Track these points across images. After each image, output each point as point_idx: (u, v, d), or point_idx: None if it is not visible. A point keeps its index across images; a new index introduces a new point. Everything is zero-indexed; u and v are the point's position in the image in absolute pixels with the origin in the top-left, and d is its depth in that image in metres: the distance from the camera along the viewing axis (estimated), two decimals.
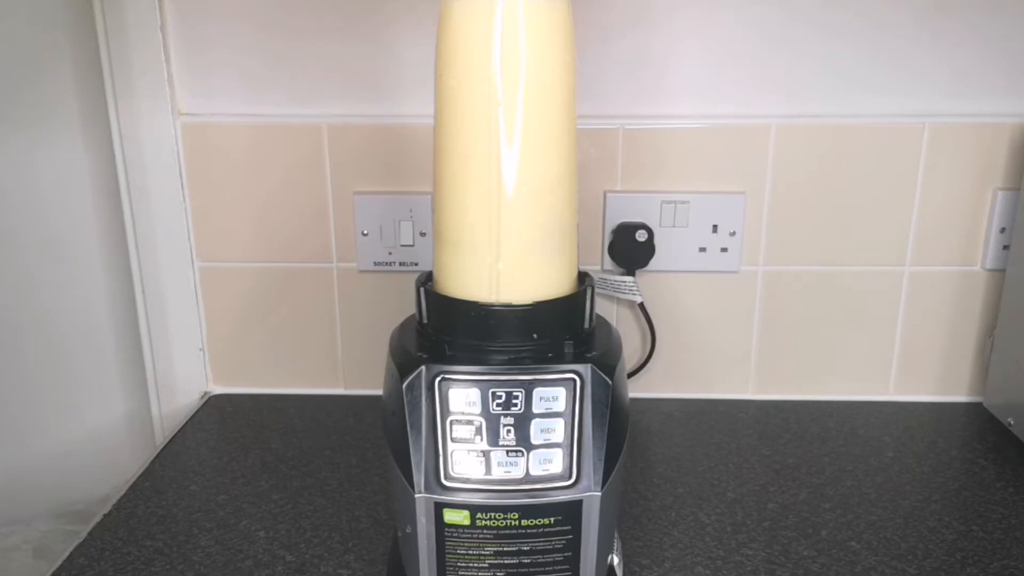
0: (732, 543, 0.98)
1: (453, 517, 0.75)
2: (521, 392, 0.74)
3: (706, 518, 1.03)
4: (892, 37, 1.18)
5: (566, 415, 0.75)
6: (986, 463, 1.15)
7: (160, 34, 1.19)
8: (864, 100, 1.20)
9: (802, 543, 0.98)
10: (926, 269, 1.25)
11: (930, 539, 0.99)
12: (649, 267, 1.24)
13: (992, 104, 1.20)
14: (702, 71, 1.20)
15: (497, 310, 0.76)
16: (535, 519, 0.76)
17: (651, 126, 1.21)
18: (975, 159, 1.21)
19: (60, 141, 1.24)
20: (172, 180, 1.24)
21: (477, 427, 0.74)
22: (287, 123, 1.22)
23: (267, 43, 1.20)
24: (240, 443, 1.21)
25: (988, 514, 1.04)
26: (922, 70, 1.19)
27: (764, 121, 1.20)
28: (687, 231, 1.23)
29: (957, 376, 1.30)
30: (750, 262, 1.26)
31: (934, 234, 1.24)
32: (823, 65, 1.19)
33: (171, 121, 1.22)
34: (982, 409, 1.28)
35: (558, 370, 0.75)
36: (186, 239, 1.27)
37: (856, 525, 1.02)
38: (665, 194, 1.22)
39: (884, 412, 1.28)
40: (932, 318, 1.28)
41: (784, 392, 1.32)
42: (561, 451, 0.75)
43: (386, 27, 1.19)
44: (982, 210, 1.23)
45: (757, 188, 1.22)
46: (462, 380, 0.74)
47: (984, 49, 1.18)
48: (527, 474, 0.75)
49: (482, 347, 0.76)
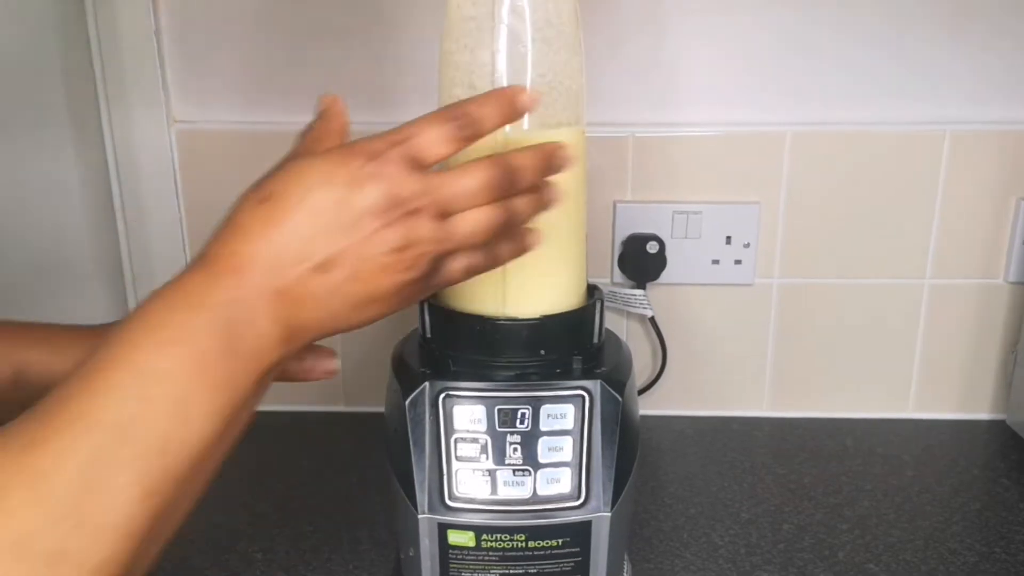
0: (746, 565, 0.98)
1: (457, 539, 0.76)
2: (528, 409, 0.75)
3: (719, 539, 1.03)
4: (911, 41, 1.17)
5: (574, 433, 0.75)
6: (1009, 483, 1.14)
7: (154, 40, 1.18)
8: (882, 106, 1.19)
9: (818, 565, 0.98)
10: (947, 282, 1.24)
11: (951, 561, 0.98)
12: (660, 280, 1.23)
13: (1015, 111, 1.19)
14: (714, 77, 1.19)
15: (503, 324, 0.76)
16: (542, 540, 0.76)
17: (662, 134, 1.20)
18: (997, 167, 1.19)
19: (52, 149, 1.23)
20: (167, 189, 1.23)
21: (482, 445, 0.74)
22: (284, 131, 1.18)
23: (264, 49, 1.20)
24: (237, 461, 1.18)
25: (1011, 536, 1.03)
26: (942, 75, 1.18)
27: (779, 128, 1.19)
28: (699, 242, 1.22)
29: (979, 393, 1.29)
30: (765, 274, 1.24)
31: (955, 245, 1.23)
32: (840, 70, 1.18)
33: (165, 128, 1.21)
34: (1005, 427, 1.27)
35: (566, 386, 0.75)
36: (181, 250, 1.26)
37: (874, 547, 1.01)
38: (677, 204, 1.21)
39: (903, 430, 1.27)
40: (953, 332, 1.27)
41: (800, 409, 1.31)
42: (569, 470, 0.75)
43: (386, 33, 1.18)
44: (1005, 220, 1.21)
45: (772, 198, 1.21)
46: (467, 396, 0.75)
47: (1006, 54, 1.17)
48: (534, 494, 0.75)
49: (488, 362, 0.77)
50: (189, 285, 0.55)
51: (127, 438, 0.49)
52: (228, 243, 0.57)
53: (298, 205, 0.57)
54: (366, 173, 0.57)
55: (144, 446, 0.50)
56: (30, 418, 0.49)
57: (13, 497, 0.46)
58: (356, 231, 0.57)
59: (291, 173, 0.59)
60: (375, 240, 0.57)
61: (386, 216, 0.57)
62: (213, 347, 0.54)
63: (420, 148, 0.58)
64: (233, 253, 0.57)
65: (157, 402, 0.51)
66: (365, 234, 0.57)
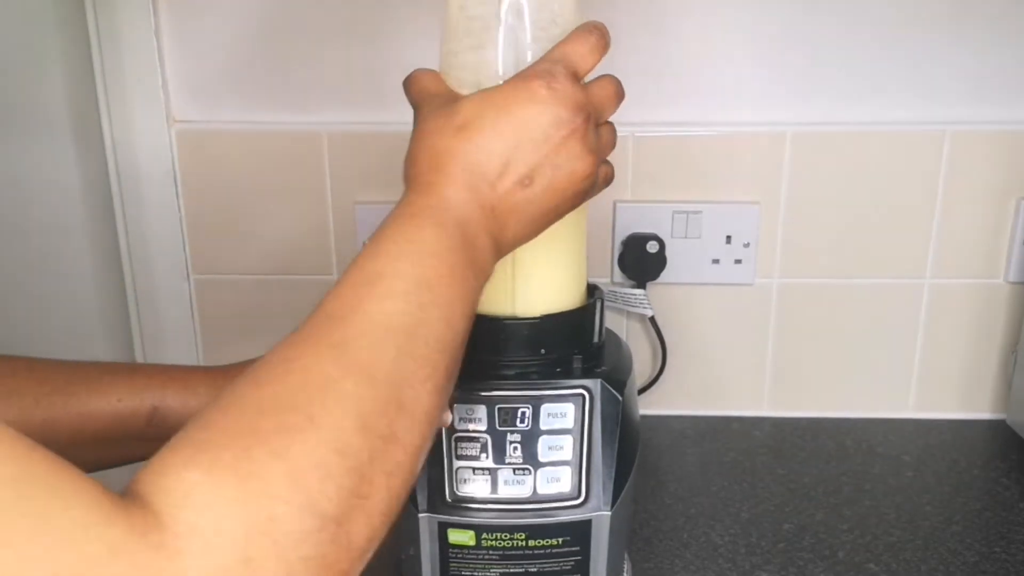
0: (746, 565, 0.98)
1: (458, 537, 0.76)
2: (528, 408, 0.75)
3: (719, 539, 1.03)
4: (911, 41, 1.17)
5: (575, 432, 0.75)
6: (1009, 482, 1.14)
7: (154, 38, 1.18)
8: (883, 106, 1.19)
9: (818, 565, 0.98)
10: (947, 281, 1.24)
11: (951, 561, 0.98)
12: (660, 279, 1.23)
13: (1015, 111, 1.18)
14: (715, 76, 1.19)
15: (504, 323, 0.76)
16: (542, 539, 0.76)
17: (662, 133, 1.19)
18: (998, 167, 1.19)
19: (51, 149, 1.22)
20: (167, 190, 1.23)
21: (483, 444, 0.75)
22: (285, 130, 1.21)
23: (264, 48, 1.20)
24: None
25: (1011, 535, 1.03)
26: (942, 75, 1.18)
27: (779, 128, 1.19)
28: (700, 242, 1.22)
29: (979, 392, 1.29)
30: (765, 274, 1.24)
31: (955, 245, 1.22)
32: (840, 70, 1.18)
33: (165, 128, 1.21)
34: (1005, 427, 1.27)
35: (566, 385, 0.75)
36: (181, 250, 1.26)
37: (874, 547, 1.01)
38: (677, 204, 1.21)
39: (903, 430, 1.27)
40: (953, 332, 1.26)
41: (800, 409, 1.30)
42: (569, 469, 0.75)
43: (388, 31, 1.18)
44: (1005, 220, 1.21)
45: (772, 198, 1.21)
46: (467, 396, 0.75)
47: (1007, 53, 1.17)
48: (534, 493, 0.75)
49: (488, 361, 0.76)
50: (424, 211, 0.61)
51: (417, 339, 0.55)
52: (440, 169, 0.63)
53: (494, 127, 0.62)
54: (544, 91, 0.63)
55: (428, 347, 0.56)
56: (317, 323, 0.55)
57: (346, 383, 0.51)
58: (547, 143, 0.63)
59: (479, 102, 0.64)
60: (563, 151, 0.63)
61: (568, 126, 0.63)
62: (460, 260, 0.60)
63: (577, 62, 0.66)
64: (449, 176, 0.62)
65: (430, 309, 0.57)
66: (554, 145, 0.63)
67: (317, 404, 0.50)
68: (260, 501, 0.44)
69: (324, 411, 0.49)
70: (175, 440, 0.47)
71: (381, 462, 0.51)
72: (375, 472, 0.50)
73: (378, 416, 0.51)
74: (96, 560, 0.39)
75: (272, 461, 0.46)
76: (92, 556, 0.39)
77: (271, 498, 0.45)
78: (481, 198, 0.62)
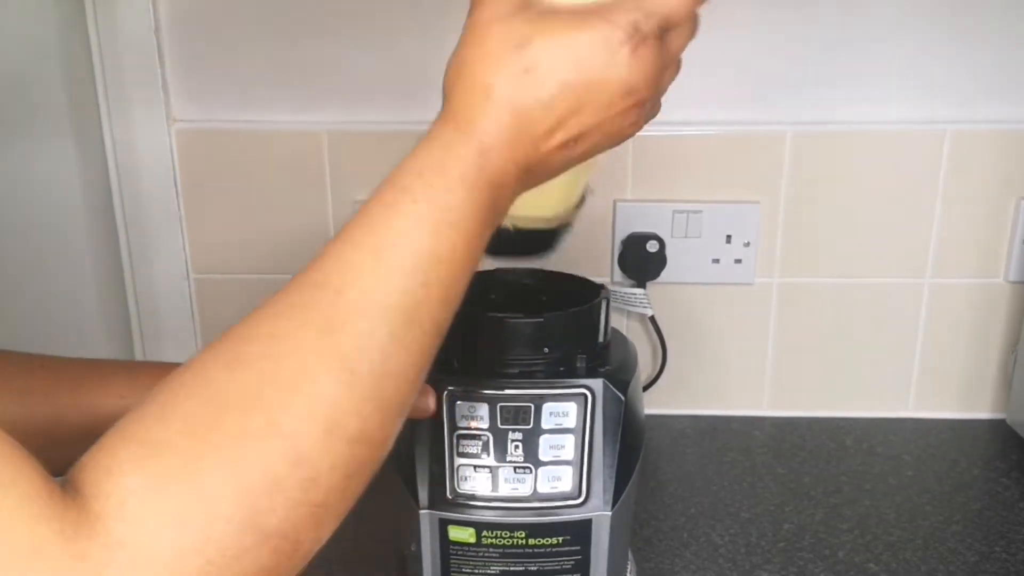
0: (746, 565, 0.98)
1: (458, 534, 0.76)
2: (530, 407, 0.75)
3: (719, 539, 1.03)
4: (911, 41, 1.17)
5: (576, 431, 0.75)
6: (1009, 482, 1.14)
7: (155, 38, 1.17)
8: (882, 106, 1.19)
9: (818, 565, 0.98)
10: (947, 281, 1.24)
11: (951, 561, 0.98)
12: (660, 279, 1.23)
13: (1016, 111, 1.18)
14: (715, 76, 1.18)
15: (508, 322, 0.77)
16: (543, 538, 0.76)
17: (662, 133, 1.19)
18: (998, 167, 1.19)
19: (51, 148, 1.22)
20: (167, 189, 1.22)
21: (484, 442, 0.75)
22: (285, 130, 1.21)
23: (265, 48, 1.19)
24: None
25: (1011, 535, 1.03)
26: (942, 75, 1.18)
27: (779, 128, 1.19)
28: (700, 242, 1.22)
29: (979, 392, 1.29)
30: (765, 274, 1.24)
31: (955, 245, 1.22)
32: (839, 70, 1.18)
33: (166, 128, 1.20)
34: (1005, 426, 1.27)
35: (569, 384, 0.76)
36: (181, 250, 1.25)
37: (874, 547, 1.01)
38: (677, 203, 1.21)
39: (903, 429, 1.27)
40: (953, 332, 1.26)
41: (800, 408, 1.30)
42: (571, 468, 0.75)
43: (388, 31, 1.18)
44: (1005, 220, 1.21)
45: (772, 197, 1.21)
46: (470, 393, 0.75)
47: (1007, 52, 1.17)
48: (535, 491, 0.75)
49: (491, 360, 0.77)
50: (458, 161, 0.56)
51: (413, 323, 0.52)
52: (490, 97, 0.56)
53: (563, 86, 0.56)
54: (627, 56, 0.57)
55: (422, 331, 0.53)
56: (311, 289, 0.52)
57: (322, 381, 0.48)
58: (609, 110, 0.58)
59: (556, 50, 0.57)
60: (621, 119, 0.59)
61: (636, 97, 0.59)
62: (477, 228, 0.56)
63: (670, 15, 0.60)
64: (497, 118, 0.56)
65: (434, 287, 0.53)
66: (616, 112, 0.58)
67: (285, 404, 0.47)
68: (200, 520, 0.43)
69: (290, 414, 0.47)
70: (131, 423, 0.46)
71: (343, 467, 0.49)
72: (334, 478, 0.48)
73: (349, 418, 0.49)
74: (16, 556, 0.38)
75: (222, 474, 0.44)
76: (13, 552, 0.38)
77: (213, 517, 0.43)
78: (520, 155, 0.57)
